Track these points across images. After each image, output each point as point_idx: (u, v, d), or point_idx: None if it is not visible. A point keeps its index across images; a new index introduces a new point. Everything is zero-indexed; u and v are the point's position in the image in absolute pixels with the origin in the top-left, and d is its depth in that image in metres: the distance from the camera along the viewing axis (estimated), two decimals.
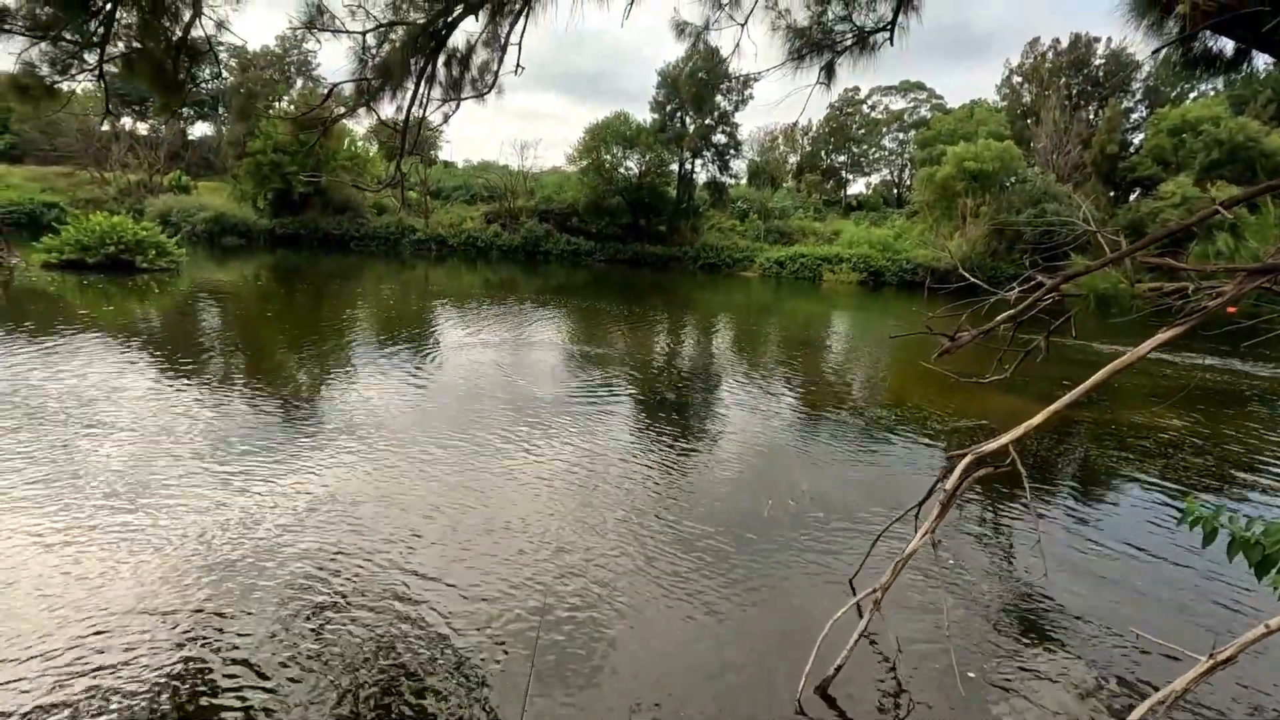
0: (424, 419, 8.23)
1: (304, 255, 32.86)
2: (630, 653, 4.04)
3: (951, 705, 3.76)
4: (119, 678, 3.53)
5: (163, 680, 3.54)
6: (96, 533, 4.94)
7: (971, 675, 4.02)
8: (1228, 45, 3.37)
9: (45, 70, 4.27)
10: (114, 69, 4.53)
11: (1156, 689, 3.57)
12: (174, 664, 3.67)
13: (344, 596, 4.38)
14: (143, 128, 46.95)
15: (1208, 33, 3.25)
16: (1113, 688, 4.02)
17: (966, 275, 4.84)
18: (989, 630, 4.53)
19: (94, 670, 3.57)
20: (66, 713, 3.27)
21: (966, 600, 4.88)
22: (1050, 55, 50.71)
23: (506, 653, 3.93)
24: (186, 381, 9.11)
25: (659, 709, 3.57)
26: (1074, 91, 49.35)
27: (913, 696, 3.83)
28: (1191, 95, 45.26)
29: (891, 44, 4.79)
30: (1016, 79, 53.17)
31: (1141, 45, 3.36)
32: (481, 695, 3.60)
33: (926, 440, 8.84)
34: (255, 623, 4.05)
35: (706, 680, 3.84)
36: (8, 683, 3.44)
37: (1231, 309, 3.56)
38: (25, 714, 3.25)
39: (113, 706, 3.34)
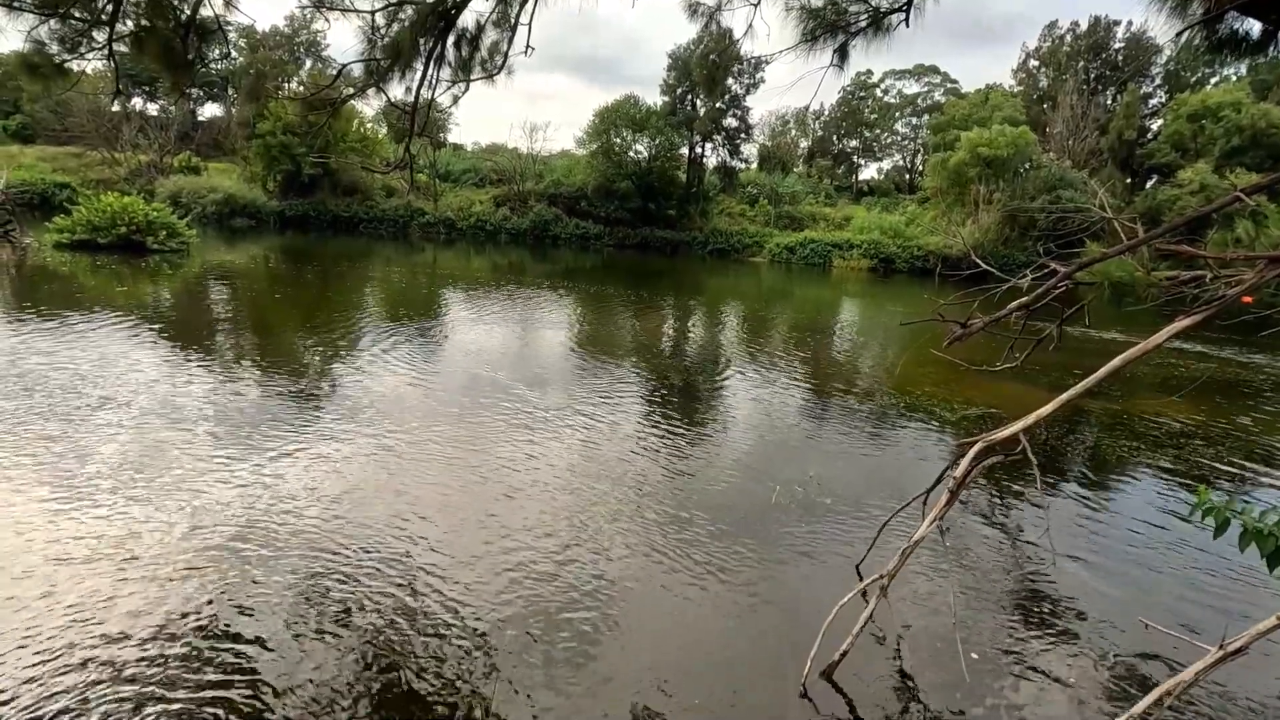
0: (430, 401, 8.26)
1: (313, 237, 32.91)
2: (635, 637, 4.06)
3: (957, 690, 3.77)
4: (117, 663, 3.59)
5: (160, 659, 3.60)
6: (99, 508, 5.00)
7: (975, 656, 4.03)
8: (1254, 26, 3.29)
9: (55, 48, 4.25)
10: (123, 48, 4.51)
11: (1165, 678, 3.57)
12: (173, 648, 3.73)
13: (343, 577, 4.43)
14: (153, 108, 47.09)
15: (1233, 14, 3.18)
16: (1120, 676, 4.01)
17: (979, 262, 4.79)
18: (995, 617, 4.53)
19: (89, 659, 3.63)
20: (68, 697, 3.33)
21: (973, 587, 4.87)
22: (1068, 39, 49.78)
23: (511, 634, 3.97)
24: (195, 361, 9.17)
25: (663, 694, 3.60)
26: (1092, 76, 48.48)
27: (917, 681, 3.84)
28: (1212, 81, 44.37)
29: (907, 25, 4.70)
30: (1033, 63, 52.26)
31: (1165, 28, 3.29)
32: (480, 677, 3.64)
33: (935, 427, 8.80)
34: (255, 608, 4.11)
35: (712, 665, 3.86)
36: (11, 664, 3.50)
37: (1247, 299, 3.50)
38: (21, 700, 3.31)
39: (108, 694, 3.40)
